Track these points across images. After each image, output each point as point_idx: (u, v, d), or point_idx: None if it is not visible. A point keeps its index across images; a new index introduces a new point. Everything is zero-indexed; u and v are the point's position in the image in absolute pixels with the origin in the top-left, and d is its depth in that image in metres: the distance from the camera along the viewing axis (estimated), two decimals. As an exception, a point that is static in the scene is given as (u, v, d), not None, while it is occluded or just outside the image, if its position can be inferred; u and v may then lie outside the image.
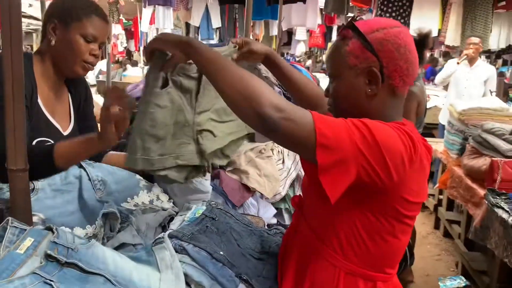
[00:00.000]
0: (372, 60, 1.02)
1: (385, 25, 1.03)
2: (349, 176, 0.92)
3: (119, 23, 9.90)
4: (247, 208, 1.80)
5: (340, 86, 1.08)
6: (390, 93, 1.05)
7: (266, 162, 1.94)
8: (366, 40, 1.01)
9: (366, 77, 1.03)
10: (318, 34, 10.51)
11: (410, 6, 4.97)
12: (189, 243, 1.22)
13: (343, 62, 1.05)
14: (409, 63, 1.03)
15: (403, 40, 1.02)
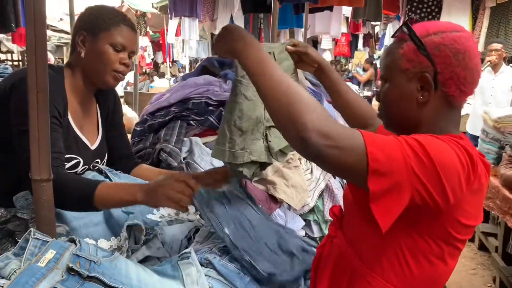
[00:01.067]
0: (426, 65, 0.94)
1: (444, 28, 0.96)
2: (402, 202, 0.85)
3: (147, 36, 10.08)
4: (274, 220, 1.75)
5: (390, 90, 1.02)
6: (444, 102, 0.97)
7: (293, 172, 1.89)
8: (420, 43, 0.94)
9: (418, 82, 0.96)
10: (344, 42, 10.44)
11: (439, 12, 4.84)
12: (215, 257, 1.18)
13: (395, 65, 0.99)
14: (468, 70, 0.94)
15: (463, 46, 0.93)
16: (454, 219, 0.92)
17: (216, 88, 2.04)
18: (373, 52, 11.86)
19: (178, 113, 2.00)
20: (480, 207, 0.98)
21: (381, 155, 0.83)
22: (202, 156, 1.78)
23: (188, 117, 1.99)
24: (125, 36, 1.43)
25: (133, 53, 1.46)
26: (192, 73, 2.37)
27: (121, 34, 1.42)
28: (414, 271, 0.97)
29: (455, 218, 0.92)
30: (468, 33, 0.98)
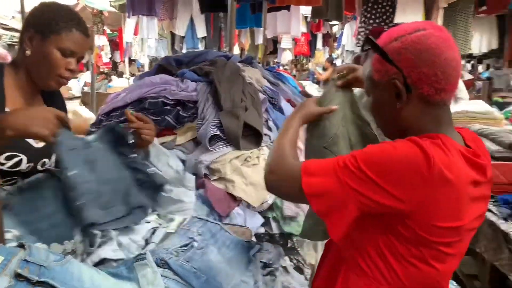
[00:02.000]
0: (393, 72, 0.94)
1: (404, 31, 0.94)
2: (349, 214, 0.92)
3: (104, 34, 9.81)
4: (233, 218, 1.76)
5: (372, 103, 1.05)
6: (423, 103, 0.95)
7: (252, 170, 1.90)
8: (382, 52, 0.95)
9: (392, 90, 0.96)
10: (303, 42, 10.56)
11: (393, 12, 5.00)
12: (171, 257, 1.18)
13: (369, 78, 1.02)
14: (437, 67, 0.91)
15: (425, 44, 0.91)
16: (424, 222, 0.91)
17: (173, 87, 2.03)
18: (332, 52, 12.08)
19: (134, 113, 1.97)
20: (459, 206, 0.92)
21: (314, 180, 0.95)
22: (159, 157, 1.76)
23: (145, 117, 1.96)
24: (76, 42, 1.35)
25: (82, 58, 1.41)
26: (148, 72, 2.34)
27: (72, 40, 1.35)
28: (399, 273, 0.96)
29: (425, 221, 0.91)
30: (433, 30, 0.94)
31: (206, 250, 1.25)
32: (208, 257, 1.23)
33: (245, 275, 1.27)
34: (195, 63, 2.26)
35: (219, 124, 1.89)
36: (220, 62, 2.18)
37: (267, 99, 2.28)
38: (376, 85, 1.00)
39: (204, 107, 1.97)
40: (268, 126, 2.18)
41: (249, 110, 2.03)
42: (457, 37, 5.08)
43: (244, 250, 1.34)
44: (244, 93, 2.07)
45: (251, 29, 8.45)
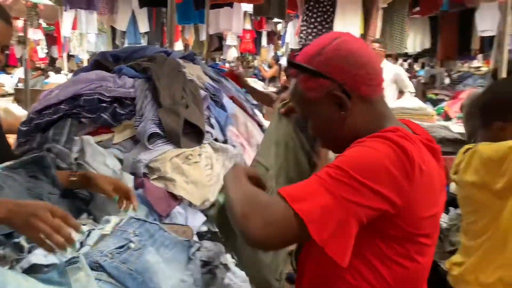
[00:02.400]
0: (328, 84, 0.95)
1: (322, 44, 0.97)
2: (352, 231, 0.85)
3: (39, 28, 9.32)
4: (174, 218, 1.73)
5: (316, 123, 1.03)
6: (364, 103, 0.98)
7: (193, 168, 1.88)
8: (311, 70, 0.96)
9: (333, 102, 0.97)
10: (248, 39, 10.61)
11: (333, 11, 5.13)
12: (106, 259, 1.14)
13: (304, 100, 1.00)
14: (364, 66, 0.96)
15: (346, 49, 0.95)
16: (411, 217, 0.92)
17: (109, 83, 1.96)
18: (277, 49, 12.22)
19: (68, 110, 1.89)
20: (432, 195, 0.95)
21: (307, 205, 0.83)
22: (95, 156, 1.70)
23: (79, 115, 1.88)
24: None
25: (6, 47, 1.34)
26: (84, 68, 2.25)
27: None
28: (386, 276, 0.94)
29: (410, 216, 0.91)
30: (346, 35, 0.99)
31: (143, 251, 1.22)
32: (145, 258, 1.20)
33: (184, 274, 1.25)
34: (133, 58, 2.19)
35: (159, 122, 1.85)
36: (159, 58, 2.14)
37: (209, 96, 2.26)
38: (313, 104, 0.99)
39: (143, 104, 1.92)
40: (210, 123, 2.16)
41: (190, 107, 2.00)
42: (394, 37, 5.31)
43: (183, 249, 1.32)
44: (185, 89, 2.04)
45: (196, 25, 8.38)
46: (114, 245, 1.20)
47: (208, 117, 2.18)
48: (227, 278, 1.40)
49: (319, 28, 5.20)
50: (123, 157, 1.82)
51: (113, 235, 1.27)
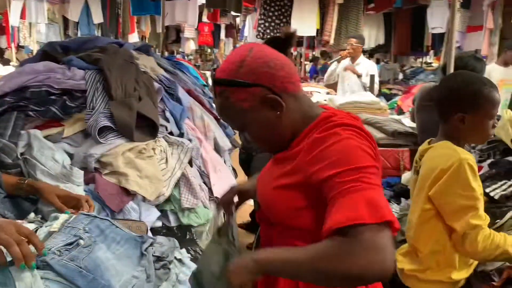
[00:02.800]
0: (259, 91, 1.01)
1: (240, 56, 1.02)
2: None
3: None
4: (127, 213, 1.69)
5: (253, 131, 1.07)
6: (293, 99, 1.04)
7: (147, 163, 1.84)
8: (241, 82, 1.00)
9: (267, 105, 1.02)
10: (206, 32, 10.51)
11: (291, 6, 5.17)
12: (53, 257, 1.09)
13: (239, 113, 1.03)
14: (284, 66, 1.03)
15: (264, 56, 1.02)
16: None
17: (58, 75, 1.88)
18: (236, 43, 12.17)
19: (14, 103, 1.80)
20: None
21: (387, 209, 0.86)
22: (43, 151, 1.63)
23: (26, 108, 1.80)
24: None
25: None
26: (31, 58, 2.15)
27: None
28: None
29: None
30: (256, 45, 1.07)
31: (94, 247, 1.18)
32: (96, 254, 1.16)
33: (136, 270, 1.22)
34: (83, 49, 2.11)
35: (110, 115, 1.80)
36: (111, 49, 2.07)
37: (163, 89, 2.22)
38: (249, 113, 1.03)
39: (94, 96, 1.85)
40: (164, 116, 2.13)
41: (143, 100, 1.96)
42: (349, 32, 5.41)
43: (136, 245, 1.29)
44: (138, 82, 2.00)
45: (152, 17, 8.20)
46: (62, 242, 1.15)
47: (163, 110, 2.15)
48: (182, 273, 1.38)
49: (277, 22, 5.23)
50: (73, 151, 1.76)
51: (62, 232, 1.22)
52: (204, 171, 2.20)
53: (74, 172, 1.63)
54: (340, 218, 0.84)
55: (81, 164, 1.73)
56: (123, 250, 1.26)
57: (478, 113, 1.45)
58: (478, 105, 1.45)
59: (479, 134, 1.49)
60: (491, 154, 2.31)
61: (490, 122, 1.47)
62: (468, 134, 1.48)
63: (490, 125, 1.47)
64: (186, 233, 1.88)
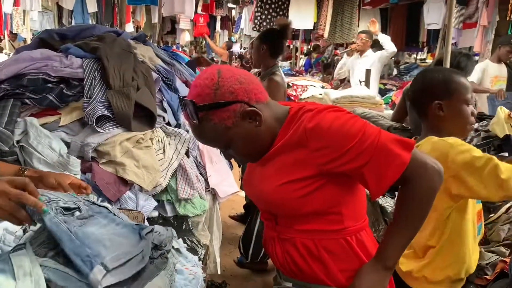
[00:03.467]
0: (238, 107, 1.09)
1: (213, 80, 1.09)
2: None
3: (-23, 3, 8.68)
4: (124, 203, 1.69)
5: (238, 145, 1.14)
6: (265, 107, 1.14)
7: (144, 153, 1.84)
8: (220, 104, 1.08)
9: (246, 119, 1.11)
10: (202, 23, 10.44)
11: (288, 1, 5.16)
12: (49, 213, 1.07)
13: (223, 131, 1.11)
14: (252, 80, 1.13)
15: (233, 74, 1.10)
16: None
17: (55, 63, 1.86)
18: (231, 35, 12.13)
19: (10, 90, 1.78)
20: None
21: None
22: (39, 139, 1.62)
23: (23, 95, 1.78)
24: None
25: None
26: (27, 46, 2.13)
27: None
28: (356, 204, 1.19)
29: None
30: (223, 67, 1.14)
31: (89, 221, 1.15)
32: (89, 228, 1.13)
33: (133, 249, 1.20)
34: (81, 38, 2.10)
35: (108, 104, 1.79)
36: (109, 37, 2.05)
37: (161, 79, 2.21)
38: (233, 129, 1.11)
39: (91, 85, 1.84)
40: (162, 107, 2.12)
41: (141, 89, 1.95)
42: (344, 26, 5.41)
43: (134, 231, 1.28)
44: (136, 71, 1.98)
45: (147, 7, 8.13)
46: (62, 203, 1.14)
47: (161, 100, 2.14)
48: (179, 263, 1.39)
49: (273, 15, 5.21)
50: (70, 140, 1.75)
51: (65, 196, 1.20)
52: (201, 162, 2.20)
53: (71, 161, 1.62)
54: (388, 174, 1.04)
55: (78, 153, 1.72)
56: (121, 231, 1.24)
57: (453, 98, 1.49)
58: (451, 89, 1.50)
59: (460, 121, 1.51)
60: (486, 150, 2.33)
61: (467, 108, 1.50)
62: (449, 123, 1.51)
63: (468, 112, 1.50)
64: (183, 224, 1.88)
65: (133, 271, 1.09)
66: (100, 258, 1.04)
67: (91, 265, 1.01)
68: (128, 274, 1.07)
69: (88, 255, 1.03)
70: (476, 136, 2.44)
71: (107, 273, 1.03)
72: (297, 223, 1.16)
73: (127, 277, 1.07)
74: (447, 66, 2.89)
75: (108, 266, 1.03)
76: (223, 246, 2.82)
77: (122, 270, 1.07)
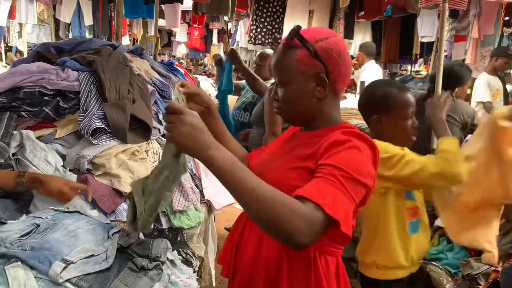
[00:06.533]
0: (319, 67, 1.10)
1: (326, 34, 1.11)
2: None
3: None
4: (119, 214, 1.69)
5: (291, 91, 1.14)
6: (334, 95, 1.15)
7: (140, 165, 1.85)
8: (314, 49, 1.09)
9: (315, 82, 1.11)
10: (196, 36, 10.50)
11: (282, 12, 5.21)
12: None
13: (293, 69, 1.12)
14: (348, 67, 1.14)
15: (342, 47, 1.12)
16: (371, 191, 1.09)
17: (52, 76, 1.88)
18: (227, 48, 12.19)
19: (6, 103, 1.80)
20: None
21: (341, 212, 0.94)
22: (35, 152, 1.63)
23: (19, 108, 1.79)
24: None
25: None
26: (24, 59, 2.15)
27: None
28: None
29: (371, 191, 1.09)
30: (341, 38, 1.19)
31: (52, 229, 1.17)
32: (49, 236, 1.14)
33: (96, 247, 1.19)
34: (77, 51, 2.12)
35: (104, 117, 1.80)
36: (105, 51, 2.08)
37: (157, 91, 2.23)
38: (299, 75, 1.12)
39: (87, 98, 1.86)
40: (158, 119, 2.14)
41: (137, 102, 1.96)
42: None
43: (104, 229, 1.29)
44: (131, 84, 2.00)
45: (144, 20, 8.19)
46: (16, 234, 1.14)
47: (156, 112, 2.16)
48: (174, 274, 1.39)
49: (269, 28, 5.26)
50: (66, 152, 1.76)
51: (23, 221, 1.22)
52: (196, 173, 2.21)
53: (67, 175, 1.63)
54: (311, 192, 0.93)
55: (73, 165, 1.72)
56: (89, 228, 1.23)
57: (391, 114, 1.61)
58: (389, 106, 1.61)
59: (398, 134, 1.62)
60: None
61: (406, 123, 1.62)
62: (387, 135, 1.61)
63: (407, 125, 1.62)
64: (177, 235, 1.88)
65: (96, 268, 1.12)
66: (61, 255, 1.07)
67: (49, 263, 1.05)
68: (91, 270, 1.10)
69: (46, 256, 1.06)
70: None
71: (69, 265, 1.06)
72: None
73: (90, 272, 1.10)
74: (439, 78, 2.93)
75: (69, 259, 1.07)
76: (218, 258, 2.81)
77: (87, 264, 1.11)
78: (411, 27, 6.63)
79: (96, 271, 1.12)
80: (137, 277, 1.23)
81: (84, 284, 1.09)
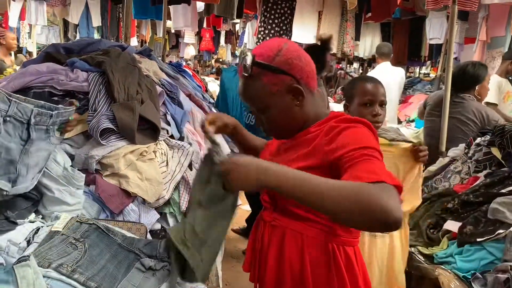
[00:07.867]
0: (288, 79, 1.12)
1: (278, 47, 1.13)
2: None
3: (-15, 17, 8.82)
4: (127, 215, 1.70)
5: (273, 114, 1.17)
6: (310, 94, 1.18)
7: (148, 165, 1.85)
8: (275, 67, 1.11)
9: (290, 94, 1.14)
10: (208, 38, 10.53)
11: (291, 13, 5.20)
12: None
13: (266, 94, 1.14)
14: (310, 63, 1.16)
15: (297, 50, 1.14)
16: None
17: (61, 76, 1.89)
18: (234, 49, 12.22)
19: (16, 103, 1.80)
20: None
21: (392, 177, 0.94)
22: (44, 151, 1.64)
23: (29, 108, 1.80)
24: None
25: None
26: (33, 59, 2.16)
27: None
28: None
29: None
30: (290, 40, 1.20)
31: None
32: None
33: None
34: (86, 52, 2.13)
35: (112, 117, 1.81)
36: (114, 52, 2.09)
37: (165, 92, 2.24)
38: (274, 96, 1.14)
39: (96, 98, 1.87)
40: (166, 120, 2.14)
41: (146, 103, 1.97)
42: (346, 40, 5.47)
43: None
44: (140, 85, 2.01)
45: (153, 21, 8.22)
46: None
47: (164, 113, 2.16)
48: (181, 275, 1.39)
49: (277, 29, 5.26)
50: (75, 152, 1.76)
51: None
52: (203, 175, 2.21)
53: (76, 175, 1.63)
54: (366, 175, 0.92)
55: (82, 165, 1.73)
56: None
57: (354, 101, 1.81)
58: (352, 94, 1.82)
59: None
60: (487, 165, 2.33)
61: (364, 109, 1.77)
62: None
63: (364, 112, 1.76)
64: (185, 236, 1.89)
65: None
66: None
67: None
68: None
69: None
70: (478, 151, 2.44)
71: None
72: (294, 205, 1.16)
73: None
74: (449, 80, 2.91)
75: None
76: (225, 259, 2.81)
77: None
78: (419, 29, 6.59)
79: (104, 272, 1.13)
80: (145, 277, 1.24)
81: (92, 284, 1.10)
